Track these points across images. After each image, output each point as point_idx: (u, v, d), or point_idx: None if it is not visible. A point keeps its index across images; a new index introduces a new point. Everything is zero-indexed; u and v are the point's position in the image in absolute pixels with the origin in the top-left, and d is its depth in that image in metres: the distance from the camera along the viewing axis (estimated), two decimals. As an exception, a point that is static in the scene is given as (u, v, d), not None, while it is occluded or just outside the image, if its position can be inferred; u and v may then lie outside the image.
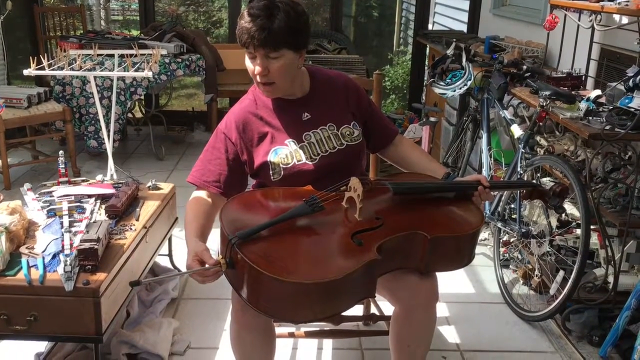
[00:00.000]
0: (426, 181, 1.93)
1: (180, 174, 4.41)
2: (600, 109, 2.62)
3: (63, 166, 2.63)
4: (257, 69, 1.76)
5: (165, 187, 2.78)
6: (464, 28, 5.59)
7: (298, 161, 1.85)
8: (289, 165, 1.84)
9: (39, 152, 4.45)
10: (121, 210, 2.40)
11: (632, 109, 2.43)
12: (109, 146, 3.22)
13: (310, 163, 1.85)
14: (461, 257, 1.76)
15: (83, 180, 2.72)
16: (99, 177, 2.78)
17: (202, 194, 1.89)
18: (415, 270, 1.73)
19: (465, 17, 5.63)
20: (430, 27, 6.16)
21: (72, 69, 3.02)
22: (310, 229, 1.63)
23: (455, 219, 1.79)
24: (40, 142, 4.72)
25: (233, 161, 1.88)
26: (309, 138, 1.88)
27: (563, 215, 2.79)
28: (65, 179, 2.64)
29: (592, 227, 2.51)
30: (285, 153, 1.85)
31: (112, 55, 3.47)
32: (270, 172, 1.85)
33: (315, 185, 1.82)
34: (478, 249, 3.37)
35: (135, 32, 7.68)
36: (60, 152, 2.70)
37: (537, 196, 2.01)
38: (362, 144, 1.96)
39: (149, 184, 2.75)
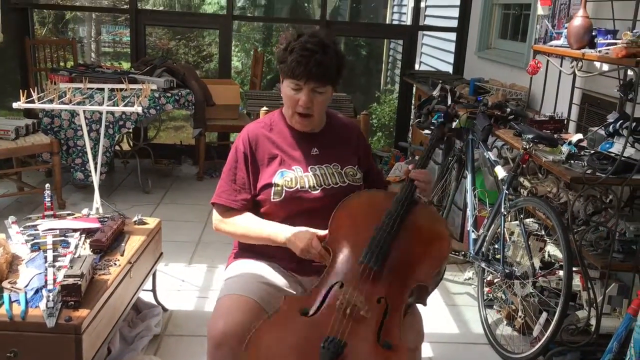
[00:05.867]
0: (379, 230, 1.81)
1: (167, 208, 4.40)
2: (582, 153, 2.68)
3: (49, 199, 2.63)
4: (303, 100, 1.87)
5: (151, 222, 2.77)
6: (449, 69, 5.71)
7: (301, 187, 1.91)
8: (292, 189, 1.90)
9: (24, 184, 4.43)
10: (106, 245, 2.39)
11: (613, 154, 2.49)
12: (95, 179, 3.22)
13: (313, 192, 1.92)
14: (441, 275, 1.87)
15: (69, 214, 2.71)
16: (85, 211, 2.78)
17: (231, 212, 1.95)
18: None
19: (451, 58, 5.75)
20: (417, 67, 6.29)
21: (62, 102, 3.04)
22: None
23: (431, 250, 1.83)
24: (26, 174, 4.69)
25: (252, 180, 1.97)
26: (314, 171, 1.95)
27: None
28: (51, 212, 2.63)
29: (574, 268, 2.54)
30: (291, 177, 1.92)
31: (102, 89, 3.49)
32: (272, 193, 1.91)
33: (311, 216, 1.87)
34: (462, 289, 3.40)
35: (125, 64, 7.73)
36: (47, 185, 2.69)
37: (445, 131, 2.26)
38: (362, 187, 2.03)
39: (135, 218, 2.75)
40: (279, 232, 1.87)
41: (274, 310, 1.71)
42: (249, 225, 1.93)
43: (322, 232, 1.82)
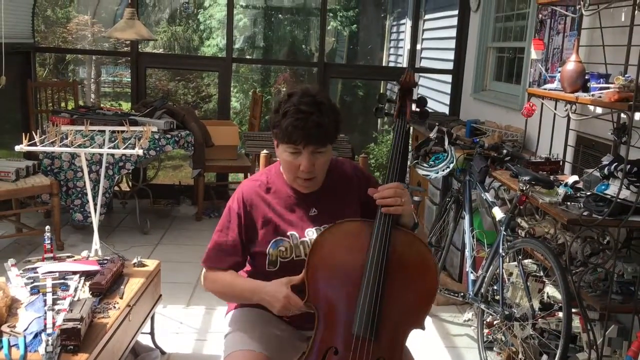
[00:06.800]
0: (364, 286, 1.69)
1: (165, 249, 4.40)
2: (578, 194, 2.70)
3: (49, 242, 2.63)
4: (305, 165, 1.75)
5: (151, 264, 2.77)
6: (446, 110, 5.78)
7: (297, 256, 1.83)
8: (287, 260, 1.84)
9: (23, 225, 4.43)
10: (105, 288, 2.39)
11: (609, 196, 2.51)
12: (95, 221, 3.23)
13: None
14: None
15: (68, 256, 2.71)
16: (84, 253, 2.78)
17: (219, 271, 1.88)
18: None
19: (447, 99, 5.84)
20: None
21: (64, 145, 3.07)
22: None
23: (422, 292, 1.73)
24: (25, 214, 4.70)
25: (245, 240, 1.88)
26: (310, 234, 1.85)
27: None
28: (51, 254, 2.64)
29: (573, 310, 2.54)
30: (285, 246, 1.84)
31: (104, 131, 3.53)
32: (267, 263, 1.84)
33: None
34: (462, 330, 3.38)
35: (125, 105, 7.81)
36: (47, 227, 2.70)
37: (401, 104, 1.93)
38: None
39: (135, 260, 2.75)
40: (254, 292, 1.79)
41: None
42: (226, 284, 1.85)
43: (296, 279, 1.72)
